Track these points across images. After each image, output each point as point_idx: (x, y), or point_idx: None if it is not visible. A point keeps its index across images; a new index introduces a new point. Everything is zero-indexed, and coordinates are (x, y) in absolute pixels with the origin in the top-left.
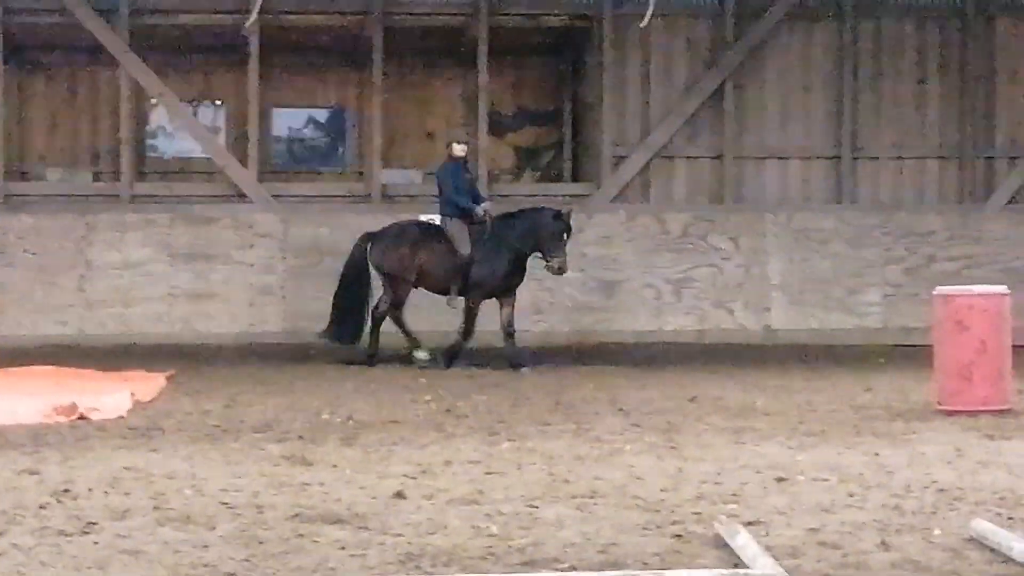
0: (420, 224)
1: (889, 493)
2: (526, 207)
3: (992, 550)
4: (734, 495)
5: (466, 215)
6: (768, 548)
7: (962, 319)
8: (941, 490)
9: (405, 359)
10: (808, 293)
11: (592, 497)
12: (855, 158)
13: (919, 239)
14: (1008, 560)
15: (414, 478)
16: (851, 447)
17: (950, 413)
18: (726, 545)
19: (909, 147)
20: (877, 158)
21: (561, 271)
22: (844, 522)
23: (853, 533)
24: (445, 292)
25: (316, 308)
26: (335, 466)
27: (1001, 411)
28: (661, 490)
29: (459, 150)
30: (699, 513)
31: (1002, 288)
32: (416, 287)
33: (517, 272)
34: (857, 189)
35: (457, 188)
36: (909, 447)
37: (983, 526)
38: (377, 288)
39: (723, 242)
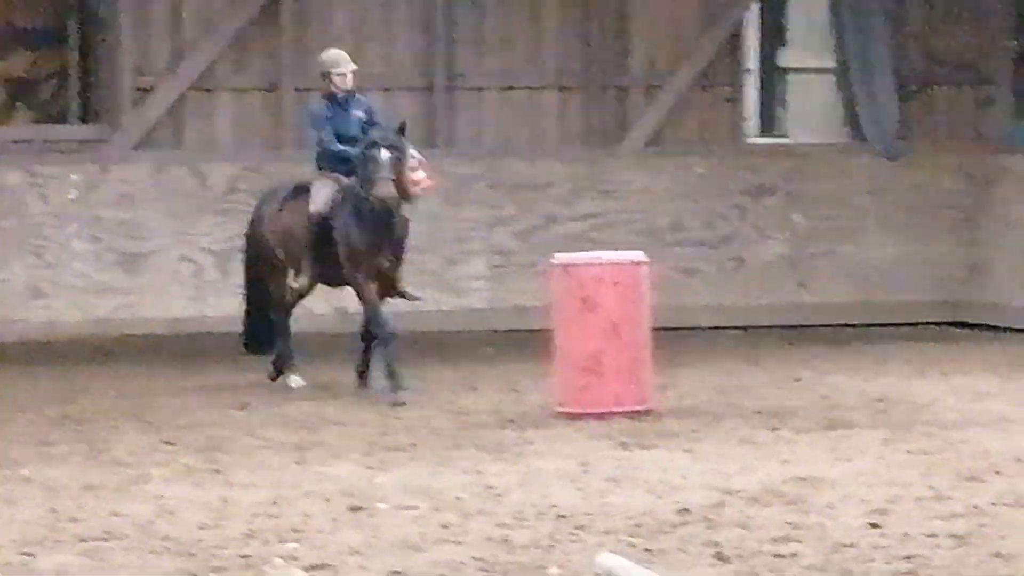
0: (303, 182)
1: (495, 522)
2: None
3: None
4: (295, 531)
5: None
6: None
7: (588, 295)
8: (561, 516)
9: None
10: None
11: (107, 539)
12: (451, 89)
13: (535, 193)
14: None
15: None
16: (447, 464)
17: (574, 417)
18: None
19: (520, 75)
20: (480, 89)
21: (384, 201)
22: (436, 562)
23: None
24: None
25: None
26: None
27: (638, 413)
28: (199, 527)
29: (341, 80)
30: (248, 556)
31: (638, 254)
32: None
33: (384, 238)
34: (454, 130)
35: (334, 131)
36: (522, 462)
37: (613, 561)
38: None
39: None
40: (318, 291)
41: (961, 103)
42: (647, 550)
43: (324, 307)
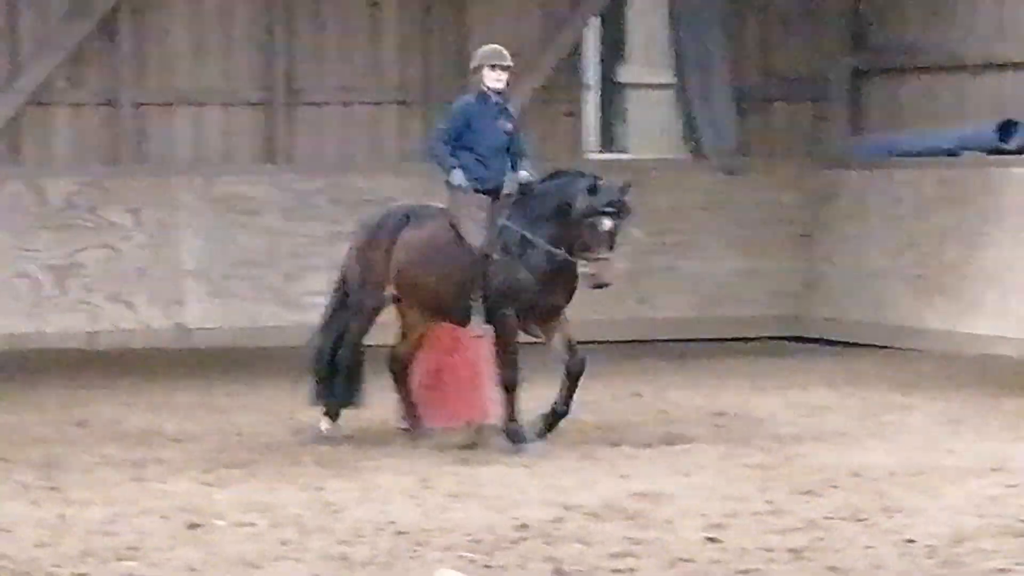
0: (419, 207)
1: (334, 539)
2: (562, 170)
3: None
4: (132, 548)
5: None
6: None
7: None
8: (400, 533)
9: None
10: (234, 281)
11: None
12: (291, 104)
13: (376, 208)
14: None
15: None
16: (287, 481)
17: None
18: None
19: (361, 90)
20: (320, 104)
21: (598, 284)
22: None
23: None
24: (452, 316)
25: None
26: None
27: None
28: (35, 545)
29: (492, 76)
30: (85, 575)
31: None
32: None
33: (559, 279)
34: (295, 145)
35: (474, 137)
36: (362, 479)
37: None
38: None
39: (121, 215)
40: (157, 304)
41: (798, 119)
42: (486, 566)
43: (162, 322)
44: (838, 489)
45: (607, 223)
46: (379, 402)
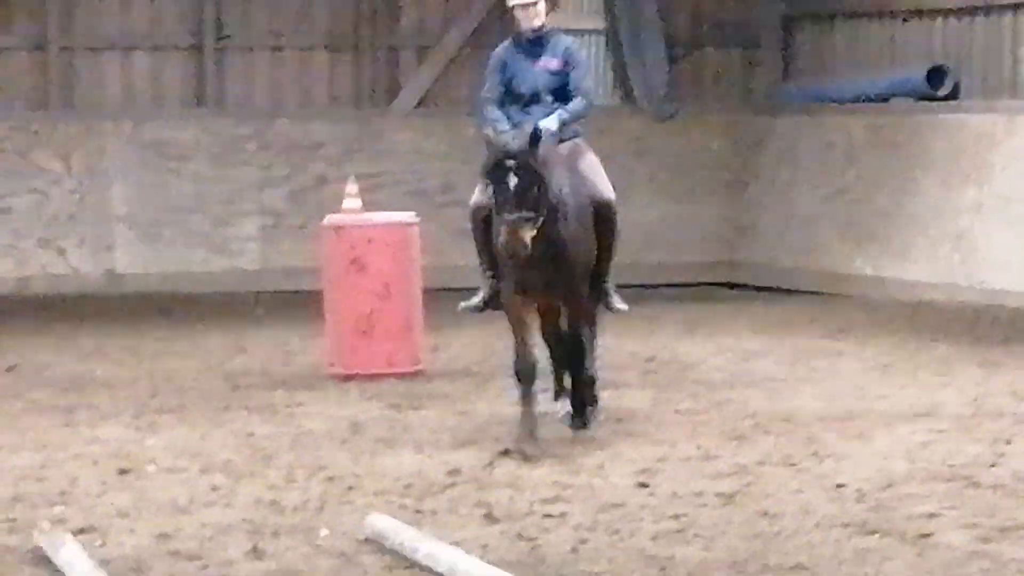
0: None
1: (265, 484)
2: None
3: (392, 552)
4: (61, 494)
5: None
6: (104, 562)
7: (359, 256)
8: (331, 478)
9: None
10: (164, 227)
11: None
12: (220, 49)
13: (306, 154)
14: (412, 565)
15: None
16: (218, 425)
17: (345, 378)
18: (49, 561)
19: (290, 35)
20: (250, 49)
21: (510, 254)
22: (205, 524)
23: (216, 538)
24: None
25: None
26: None
27: (409, 373)
28: None
29: (524, 15)
30: (14, 520)
31: (409, 215)
32: None
33: (545, 249)
34: (224, 90)
35: (513, 84)
36: (293, 423)
37: (382, 522)
38: None
39: (50, 160)
40: (86, 250)
41: (729, 65)
42: (417, 511)
43: (92, 268)
44: (768, 434)
45: (509, 180)
46: (308, 348)
